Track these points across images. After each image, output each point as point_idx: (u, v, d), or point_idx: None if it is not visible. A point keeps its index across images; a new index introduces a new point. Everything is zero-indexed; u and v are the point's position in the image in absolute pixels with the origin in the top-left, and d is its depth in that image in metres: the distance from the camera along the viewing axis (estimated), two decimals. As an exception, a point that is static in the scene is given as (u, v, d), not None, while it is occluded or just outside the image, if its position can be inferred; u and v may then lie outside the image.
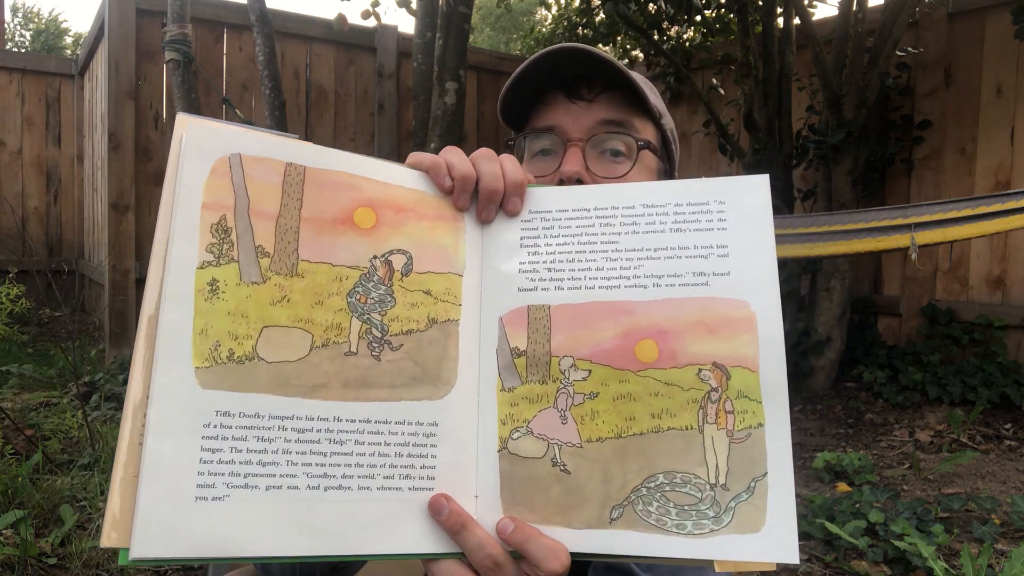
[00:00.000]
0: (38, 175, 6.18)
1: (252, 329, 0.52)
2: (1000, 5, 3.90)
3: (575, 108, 0.78)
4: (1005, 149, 3.97)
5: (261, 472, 0.50)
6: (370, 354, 0.54)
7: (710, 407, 0.55)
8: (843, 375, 4.26)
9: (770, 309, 0.56)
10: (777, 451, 0.56)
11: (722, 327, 0.55)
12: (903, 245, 2.36)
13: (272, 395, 0.51)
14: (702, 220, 0.58)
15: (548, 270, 0.58)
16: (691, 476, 0.54)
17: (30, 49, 14.32)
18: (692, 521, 0.53)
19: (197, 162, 0.53)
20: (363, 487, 0.52)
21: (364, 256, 0.56)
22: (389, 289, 0.56)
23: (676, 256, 0.57)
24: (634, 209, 0.59)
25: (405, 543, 0.52)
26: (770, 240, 0.57)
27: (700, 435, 0.55)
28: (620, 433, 0.55)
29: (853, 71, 3.87)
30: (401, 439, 0.54)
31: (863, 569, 2.09)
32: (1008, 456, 3.14)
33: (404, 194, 0.58)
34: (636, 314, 0.56)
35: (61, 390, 3.64)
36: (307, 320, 0.53)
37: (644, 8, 5.05)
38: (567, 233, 0.59)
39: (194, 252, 0.51)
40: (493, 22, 19.14)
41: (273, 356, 0.52)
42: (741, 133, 4.93)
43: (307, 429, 0.51)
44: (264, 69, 4.48)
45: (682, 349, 0.55)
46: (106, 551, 2.05)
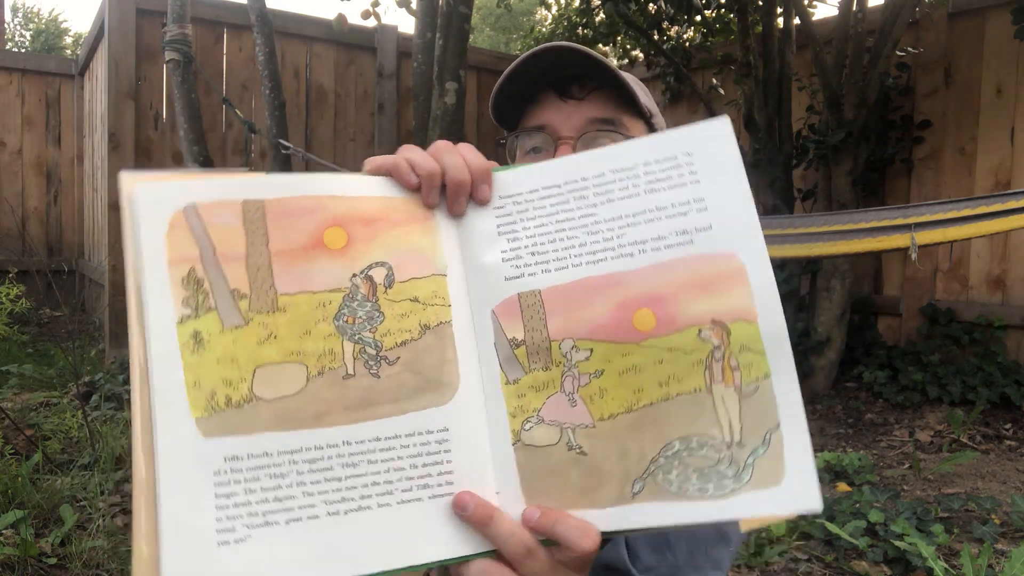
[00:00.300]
0: (38, 175, 6.18)
1: (245, 372, 0.51)
2: (1000, 5, 3.90)
3: (566, 107, 0.79)
4: (1005, 149, 3.97)
5: (279, 508, 0.50)
6: (368, 373, 0.54)
7: (715, 366, 0.54)
8: (843, 375, 4.26)
9: (758, 256, 0.55)
10: (787, 400, 0.55)
11: (714, 283, 0.55)
12: (903, 245, 2.36)
13: (277, 432, 0.51)
14: (674, 176, 0.58)
15: (531, 254, 0.57)
16: (707, 438, 0.53)
17: (30, 49, 14.31)
18: (713, 483, 0.53)
19: (153, 222, 0.52)
20: (383, 504, 0.52)
21: (343, 277, 0.54)
22: (376, 305, 0.55)
23: (656, 218, 0.56)
24: (604, 176, 0.58)
25: (433, 551, 0.52)
26: (744, 184, 0.57)
27: (710, 396, 0.54)
28: (630, 407, 0.54)
29: (853, 71, 3.87)
30: (414, 451, 0.53)
31: (863, 569, 2.09)
32: (1008, 456, 3.14)
33: (370, 204, 0.57)
34: (627, 285, 0.56)
35: (61, 390, 3.64)
36: (298, 352, 0.52)
37: (644, 8, 5.05)
38: (543, 213, 0.58)
39: (171, 308, 0.51)
40: (493, 22, 19.14)
41: (271, 394, 0.51)
42: (741, 133, 4.93)
43: (318, 458, 0.51)
44: (264, 69, 4.48)
45: (679, 312, 0.55)
46: (106, 551, 2.05)
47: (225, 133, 4.85)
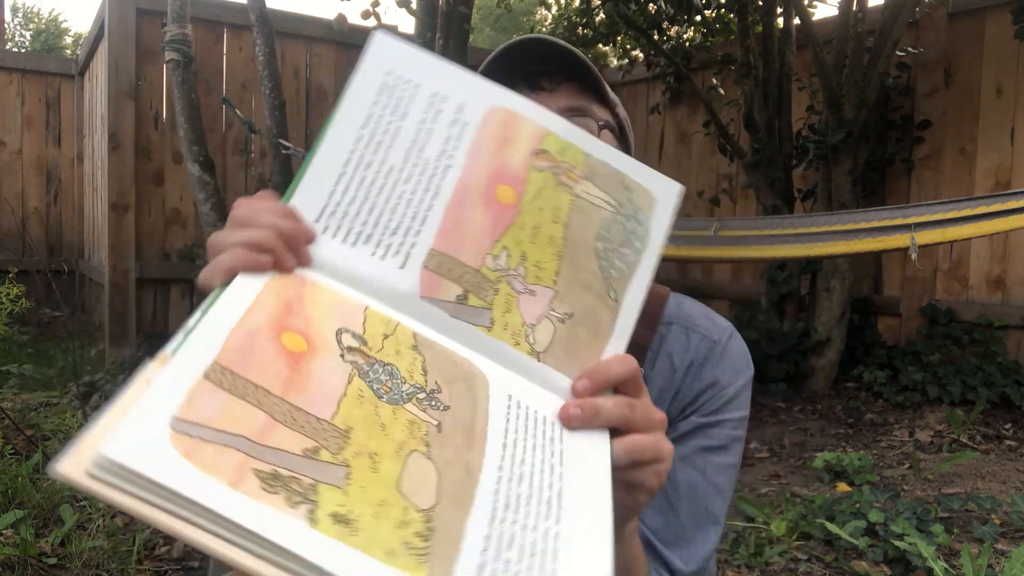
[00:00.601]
0: (38, 175, 6.18)
1: (398, 499, 0.44)
2: (1000, 5, 3.90)
3: (538, 98, 0.81)
4: (1005, 149, 3.97)
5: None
6: (440, 410, 0.50)
7: (563, 177, 0.60)
8: (843, 375, 4.26)
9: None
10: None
11: (512, 131, 0.59)
12: (903, 245, 2.36)
13: (469, 512, 0.46)
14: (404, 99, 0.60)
15: (392, 232, 0.55)
16: (606, 222, 0.60)
17: (30, 49, 14.31)
18: (634, 244, 0.60)
19: (167, 475, 0.39)
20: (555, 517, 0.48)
21: (339, 365, 0.49)
22: (380, 363, 0.51)
23: (431, 129, 0.58)
24: (368, 125, 0.58)
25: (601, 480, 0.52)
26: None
27: (580, 197, 0.60)
28: (559, 254, 0.58)
29: (853, 71, 3.87)
30: (529, 443, 0.52)
31: (863, 569, 2.09)
32: (1008, 456, 3.14)
33: (272, 303, 0.50)
34: (471, 182, 0.57)
35: (61, 390, 3.64)
36: (401, 445, 0.47)
37: (644, 8, 5.05)
38: (360, 196, 0.56)
39: (288, 521, 0.40)
40: (493, 22, 19.15)
41: (428, 496, 0.45)
42: (741, 133, 4.93)
43: (506, 505, 0.48)
44: (264, 69, 4.48)
45: (518, 168, 0.58)
46: (106, 551, 2.05)
47: (225, 133, 4.85)
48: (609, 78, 6.31)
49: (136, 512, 0.38)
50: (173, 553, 2.15)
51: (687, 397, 0.82)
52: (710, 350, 0.83)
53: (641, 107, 6.04)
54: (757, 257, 2.69)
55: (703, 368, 0.82)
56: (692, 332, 0.84)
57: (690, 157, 5.66)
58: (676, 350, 0.83)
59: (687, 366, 0.82)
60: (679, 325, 0.85)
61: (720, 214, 5.20)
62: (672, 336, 0.84)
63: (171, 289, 4.71)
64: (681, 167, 5.73)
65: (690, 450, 0.81)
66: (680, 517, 0.79)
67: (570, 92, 0.82)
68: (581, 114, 0.81)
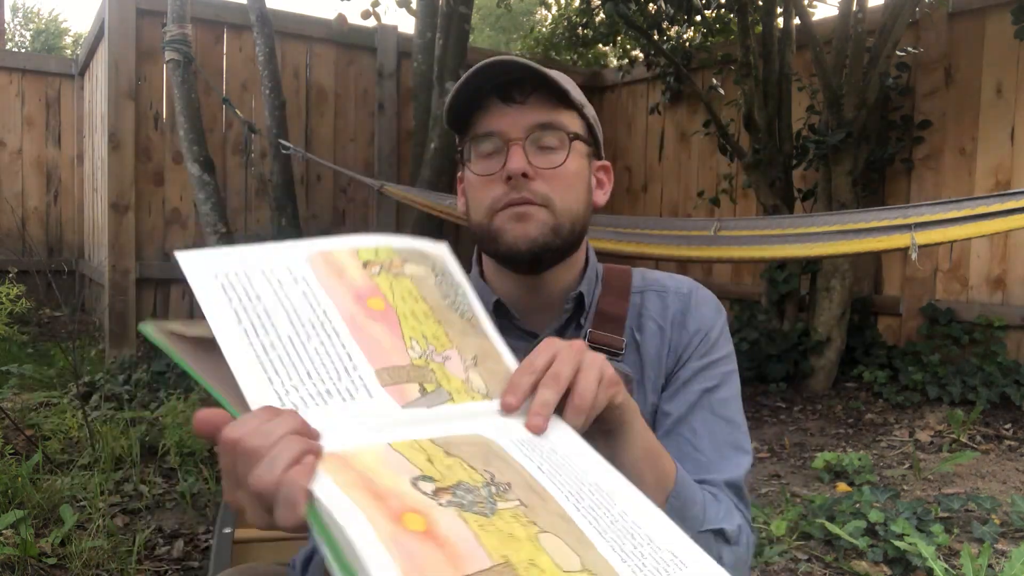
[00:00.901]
0: (38, 175, 6.18)
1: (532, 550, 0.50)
2: (1000, 5, 3.90)
3: (511, 111, 0.87)
4: (1005, 149, 3.97)
5: None
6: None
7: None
8: (843, 375, 4.26)
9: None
10: None
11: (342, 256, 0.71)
12: (903, 245, 2.36)
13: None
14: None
15: (337, 379, 0.59)
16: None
17: (30, 49, 14.31)
18: None
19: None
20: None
21: (449, 515, 0.51)
22: (452, 486, 0.54)
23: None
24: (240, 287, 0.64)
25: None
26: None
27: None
28: (438, 320, 0.69)
29: (853, 71, 3.87)
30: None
31: (863, 569, 2.09)
32: (1008, 456, 3.14)
33: (367, 483, 0.52)
34: (351, 313, 0.64)
35: (61, 390, 3.64)
36: (534, 546, 0.51)
37: (644, 8, 5.05)
38: (286, 367, 0.58)
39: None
40: (493, 22, 19.15)
41: (577, 558, 0.51)
42: (741, 133, 4.93)
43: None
44: (264, 69, 4.48)
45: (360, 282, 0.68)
46: (106, 551, 2.05)
47: (225, 133, 4.85)
48: (609, 78, 6.32)
49: None
50: (173, 553, 2.15)
51: (679, 347, 0.92)
52: (685, 303, 0.94)
53: (641, 107, 6.04)
54: (757, 257, 2.69)
55: (685, 319, 0.93)
56: (664, 294, 0.95)
57: (690, 157, 5.66)
58: (656, 313, 0.94)
59: (671, 322, 0.93)
60: (651, 291, 0.96)
61: (720, 214, 5.20)
62: (649, 302, 0.95)
63: (171, 289, 4.71)
64: (681, 167, 5.73)
65: (695, 395, 0.90)
66: (704, 454, 0.88)
67: (539, 103, 0.87)
68: (551, 128, 0.87)
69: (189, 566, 2.09)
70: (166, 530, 2.29)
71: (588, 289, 0.95)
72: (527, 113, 0.86)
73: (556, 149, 0.88)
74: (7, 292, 2.81)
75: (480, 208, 0.89)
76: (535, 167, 0.86)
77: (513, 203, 0.85)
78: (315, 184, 5.19)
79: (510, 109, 0.87)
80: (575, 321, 0.95)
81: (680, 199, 5.73)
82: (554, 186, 0.86)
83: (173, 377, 4.02)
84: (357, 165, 5.31)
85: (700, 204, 5.40)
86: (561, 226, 0.87)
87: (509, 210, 0.86)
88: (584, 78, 6.39)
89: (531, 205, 0.85)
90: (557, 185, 0.87)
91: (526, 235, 0.85)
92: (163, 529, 2.30)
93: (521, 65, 0.85)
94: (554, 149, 0.87)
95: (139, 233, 4.56)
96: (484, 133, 0.88)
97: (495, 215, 0.87)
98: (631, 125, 6.14)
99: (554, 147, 0.87)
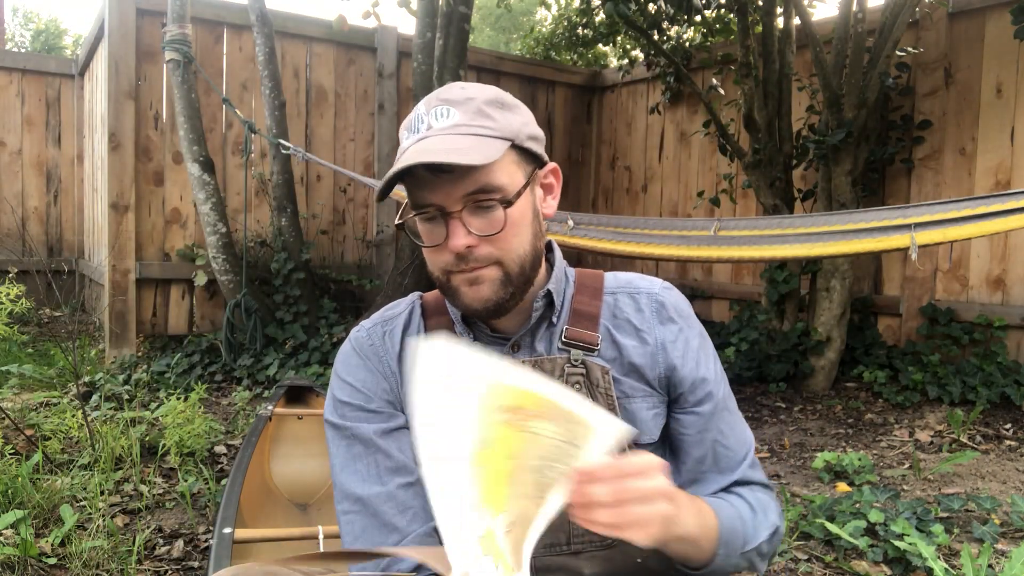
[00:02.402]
0: (38, 175, 6.18)
1: None
2: (1000, 5, 3.90)
3: (442, 183, 0.86)
4: (1005, 149, 3.97)
5: None
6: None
7: None
8: (843, 375, 4.26)
9: None
10: None
11: None
12: (903, 245, 2.36)
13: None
14: None
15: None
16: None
17: (30, 49, 14.31)
18: None
19: None
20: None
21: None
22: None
23: None
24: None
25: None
26: None
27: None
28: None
29: (853, 71, 3.87)
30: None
31: (863, 569, 2.09)
32: (1008, 456, 3.14)
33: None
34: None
35: (61, 390, 3.64)
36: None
37: (644, 8, 5.05)
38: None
39: None
40: (493, 22, 19.14)
41: None
42: (741, 133, 4.93)
43: None
44: (264, 69, 4.48)
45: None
46: (106, 551, 2.05)
47: (225, 133, 4.85)
48: (609, 78, 6.32)
49: None
50: (173, 553, 2.15)
51: (662, 349, 0.98)
52: (660, 303, 1.00)
53: (641, 107, 6.04)
54: (757, 257, 2.69)
55: (661, 321, 0.99)
56: (637, 295, 1.00)
57: (690, 157, 5.66)
58: (631, 313, 0.99)
59: (651, 317, 0.99)
60: (623, 292, 1.00)
61: (720, 214, 5.20)
62: (622, 303, 1.00)
63: (171, 289, 4.71)
64: (681, 167, 5.73)
65: (710, 404, 0.99)
66: (732, 448, 1.00)
67: (467, 168, 0.85)
68: (487, 194, 0.87)
69: (189, 566, 2.09)
70: (166, 530, 2.29)
71: (557, 288, 0.97)
72: (458, 182, 0.86)
73: (494, 207, 0.88)
74: (7, 292, 2.81)
75: (435, 268, 0.92)
76: (477, 235, 0.87)
77: (463, 271, 0.88)
78: (315, 184, 5.19)
79: (440, 180, 0.86)
80: (547, 319, 0.97)
81: (680, 199, 5.73)
82: (500, 244, 0.88)
83: (173, 377, 4.03)
84: (357, 165, 5.31)
85: (700, 204, 5.40)
86: (512, 276, 0.89)
87: (461, 275, 0.89)
88: (584, 78, 6.40)
89: (481, 270, 0.88)
90: (502, 242, 0.88)
91: (479, 297, 0.89)
92: (163, 529, 2.30)
93: (437, 164, 0.84)
94: (492, 208, 0.88)
95: (139, 233, 4.56)
96: (423, 204, 0.88)
97: (450, 275, 0.90)
98: (631, 125, 6.14)
99: (492, 206, 0.88)
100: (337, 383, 0.98)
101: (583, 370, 0.94)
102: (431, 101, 0.91)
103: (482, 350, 0.69)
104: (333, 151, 5.23)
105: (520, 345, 0.97)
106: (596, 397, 0.94)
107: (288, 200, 4.56)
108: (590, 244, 2.89)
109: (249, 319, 4.19)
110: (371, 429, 0.94)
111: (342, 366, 1.00)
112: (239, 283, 4.29)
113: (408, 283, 4.62)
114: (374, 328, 1.01)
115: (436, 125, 0.88)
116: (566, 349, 0.96)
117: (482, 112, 0.89)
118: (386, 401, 0.96)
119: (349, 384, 0.97)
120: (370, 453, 0.94)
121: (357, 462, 0.94)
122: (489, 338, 0.98)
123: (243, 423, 3.38)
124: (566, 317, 0.97)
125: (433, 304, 1.02)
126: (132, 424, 3.07)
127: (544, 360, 0.95)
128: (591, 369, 0.95)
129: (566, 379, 0.94)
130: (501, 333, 0.97)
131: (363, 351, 0.99)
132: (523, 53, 7.41)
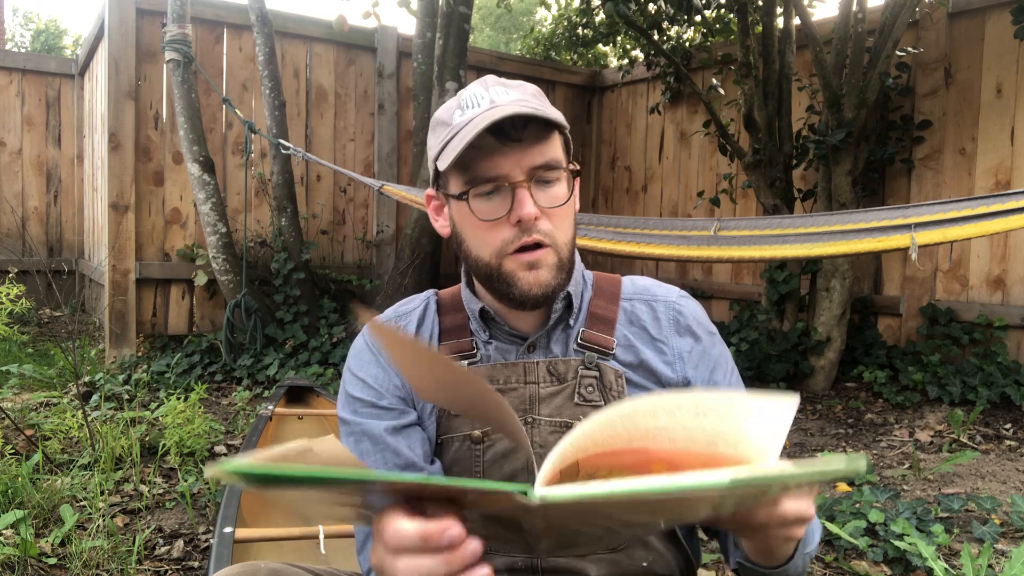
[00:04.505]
0: (38, 175, 6.18)
1: None
2: (1000, 5, 3.90)
3: (510, 152, 0.86)
4: (1005, 149, 3.97)
5: None
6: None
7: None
8: (843, 375, 4.26)
9: None
10: None
11: None
12: (903, 245, 2.35)
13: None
14: None
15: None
16: None
17: (30, 49, 14.31)
18: None
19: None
20: None
21: None
22: None
23: None
24: None
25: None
26: None
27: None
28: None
29: (853, 71, 3.87)
30: None
31: (863, 569, 2.09)
32: (1008, 456, 3.14)
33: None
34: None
35: (61, 390, 3.64)
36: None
37: (644, 8, 5.05)
38: None
39: None
40: (493, 22, 19.15)
41: None
42: (741, 133, 4.93)
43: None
44: (264, 69, 4.48)
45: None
46: (106, 551, 2.05)
47: (225, 133, 4.85)
48: (609, 78, 6.32)
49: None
50: (173, 553, 2.15)
51: (683, 357, 0.98)
52: (678, 312, 0.99)
53: (641, 107, 6.04)
54: (757, 257, 2.68)
55: (677, 329, 0.99)
56: (654, 302, 1.00)
57: (690, 157, 5.66)
58: (647, 320, 0.99)
59: (668, 326, 0.98)
60: (640, 299, 1.00)
61: (720, 214, 5.20)
62: (639, 310, 1.00)
63: (171, 289, 4.71)
64: (681, 167, 5.73)
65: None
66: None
67: (533, 137, 0.87)
68: (550, 167, 0.88)
69: (189, 566, 2.09)
70: (166, 530, 2.29)
71: (576, 291, 0.97)
72: (525, 152, 0.86)
73: (555, 183, 0.89)
74: (7, 292, 2.81)
75: (486, 248, 0.89)
76: (541, 207, 0.88)
77: (525, 247, 0.87)
78: (315, 184, 5.19)
79: (508, 149, 0.86)
80: (564, 321, 0.97)
81: (680, 199, 5.73)
82: (556, 222, 0.89)
83: (173, 377, 4.03)
84: (357, 165, 5.31)
85: (700, 204, 5.40)
86: (564, 260, 0.90)
87: (520, 257, 0.88)
88: (584, 78, 6.40)
89: (540, 249, 0.88)
90: (558, 220, 0.89)
91: (539, 282, 0.88)
92: (163, 529, 2.30)
93: (524, 115, 0.84)
94: (552, 183, 0.89)
95: (139, 233, 4.56)
96: (488, 177, 0.87)
97: (505, 259, 0.88)
98: (631, 125, 6.14)
99: (552, 181, 0.89)
100: (349, 378, 0.98)
101: (596, 373, 0.94)
102: (487, 82, 0.91)
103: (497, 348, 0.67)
104: (333, 151, 5.23)
105: (536, 346, 0.97)
106: (608, 400, 0.94)
107: (288, 200, 4.56)
108: (590, 244, 2.89)
109: (249, 319, 4.20)
110: (381, 426, 0.94)
111: (354, 361, 0.99)
112: (239, 283, 4.29)
113: (408, 283, 4.62)
114: (387, 323, 1.01)
115: (500, 99, 0.88)
116: (581, 351, 0.96)
117: (537, 96, 0.91)
118: (397, 398, 0.96)
119: (360, 380, 0.97)
120: (379, 450, 0.93)
121: (365, 459, 0.94)
122: (507, 337, 0.97)
123: (243, 423, 3.39)
124: (583, 320, 0.98)
125: (449, 301, 1.02)
126: (132, 424, 3.07)
127: (559, 361, 0.95)
128: (604, 372, 0.95)
129: (579, 381, 0.94)
130: (519, 332, 0.97)
131: (375, 346, 0.98)
132: (523, 53, 7.41)
